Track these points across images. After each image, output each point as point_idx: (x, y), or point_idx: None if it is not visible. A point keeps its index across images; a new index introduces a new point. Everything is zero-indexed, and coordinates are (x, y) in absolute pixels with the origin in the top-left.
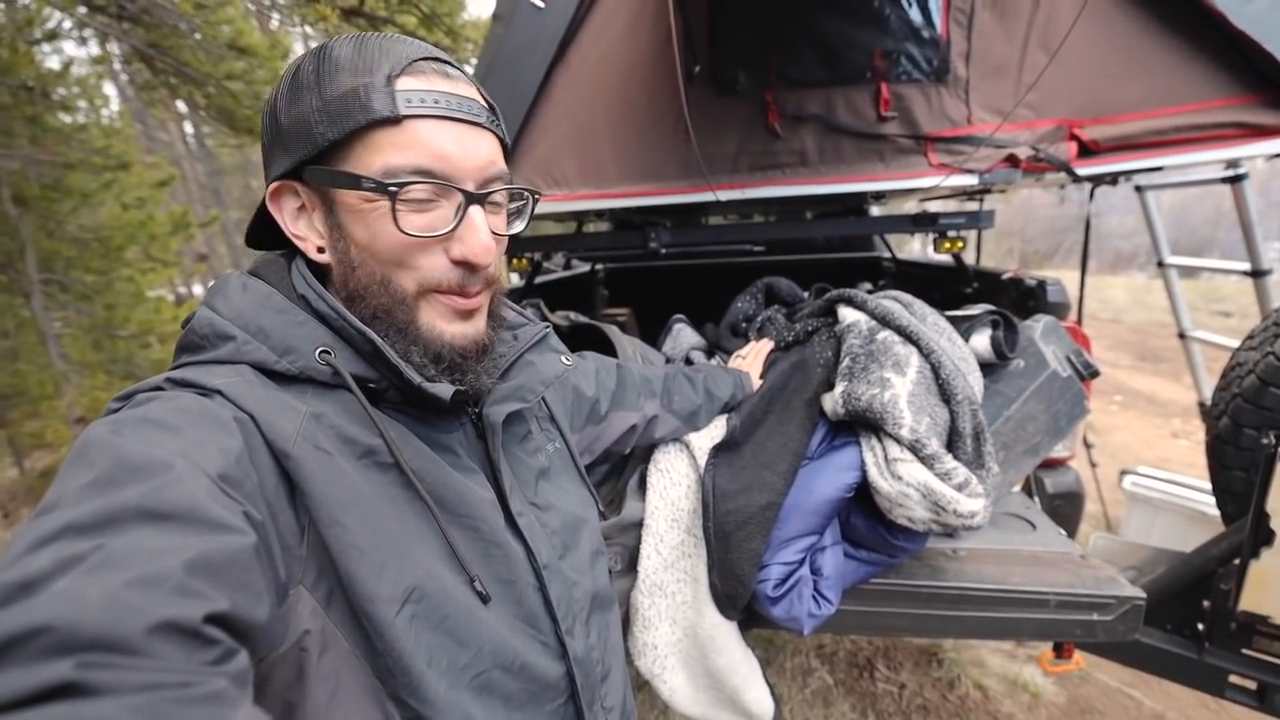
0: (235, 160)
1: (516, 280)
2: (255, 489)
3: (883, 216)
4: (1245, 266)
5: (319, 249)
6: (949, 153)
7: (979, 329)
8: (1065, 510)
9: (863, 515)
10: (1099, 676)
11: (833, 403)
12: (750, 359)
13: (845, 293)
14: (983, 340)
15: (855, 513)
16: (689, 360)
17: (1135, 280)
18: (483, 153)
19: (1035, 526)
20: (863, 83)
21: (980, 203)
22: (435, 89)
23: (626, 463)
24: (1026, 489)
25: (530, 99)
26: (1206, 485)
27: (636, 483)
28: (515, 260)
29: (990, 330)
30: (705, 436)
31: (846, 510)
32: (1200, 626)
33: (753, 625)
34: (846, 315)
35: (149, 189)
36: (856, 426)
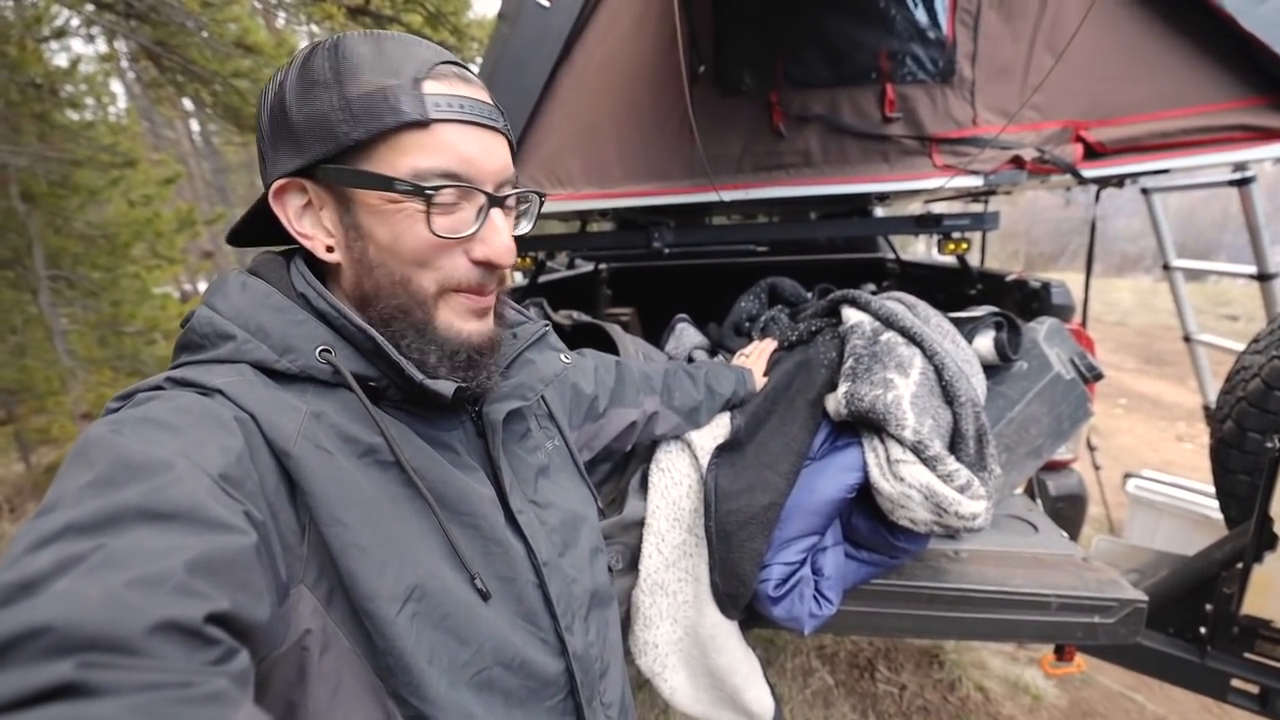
0: (241, 158)
1: (520, 279)
2: (256, 488)
3: (887, 217)
4: (1252, 270)
5: (328, 248)
6: (954, 154)
7: (983, 330)
8: (1068, 513)
9: (864, 516)
10: (1100, 679)
11: (835, 403)
12: (754, 357)
13: (849, 293)
14: (986, 342)
15: (857, 513)
16: (691, 359)
17: (1141, 283)
18: (501, 156)
19: (1037, 529)
20: (868, 83)
21: (985, 204)
22: (458, 94)
23: (628, 461)
24: (1029, 491)
25: (535, 98)
26: (1210, 489)
27: (638, 481)
28: (519, 259)
29: (994, 332)
30: (707, 435)
31: (848, 511)
32: (1203, 630)
33: (754, 625)
34: (850, 316)
35: (155, 186)
36: (859, 427)
